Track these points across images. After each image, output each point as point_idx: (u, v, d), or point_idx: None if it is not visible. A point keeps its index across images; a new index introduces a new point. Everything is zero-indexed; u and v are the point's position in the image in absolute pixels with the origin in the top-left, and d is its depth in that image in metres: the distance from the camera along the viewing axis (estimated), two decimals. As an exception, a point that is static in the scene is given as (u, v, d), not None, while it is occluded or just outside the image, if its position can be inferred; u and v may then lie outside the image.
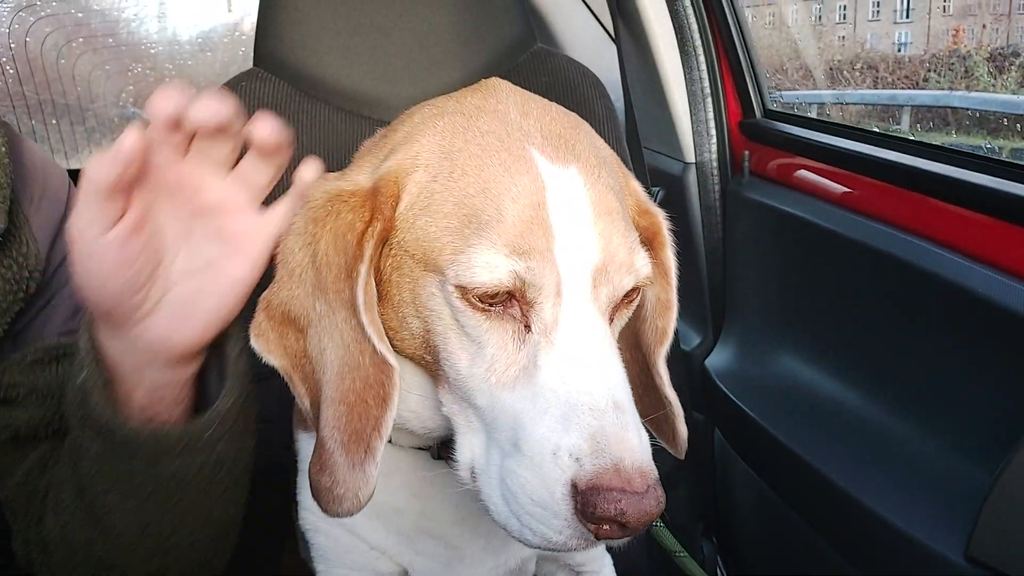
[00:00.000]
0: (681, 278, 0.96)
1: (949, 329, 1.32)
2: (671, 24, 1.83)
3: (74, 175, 1.40)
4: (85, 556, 1.10)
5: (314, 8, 1.68)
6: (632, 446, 0.74)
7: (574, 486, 0.72)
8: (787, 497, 1.56)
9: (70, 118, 2.93)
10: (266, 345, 0.85)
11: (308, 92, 1.71)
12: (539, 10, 2.36)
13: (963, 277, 1.28)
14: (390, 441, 0.97)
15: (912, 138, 1.69)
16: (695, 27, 1.81)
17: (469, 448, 0.84)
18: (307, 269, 0.84)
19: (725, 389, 1.77)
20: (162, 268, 0.88)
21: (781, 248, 1.71)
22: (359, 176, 0.88)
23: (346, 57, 1.70)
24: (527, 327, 0.80)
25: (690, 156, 1.88)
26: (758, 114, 1.84)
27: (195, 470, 0.95)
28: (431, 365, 0.86)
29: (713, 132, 1.86)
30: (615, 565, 1.48)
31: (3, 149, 1.12)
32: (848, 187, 1.58)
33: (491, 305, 0.79)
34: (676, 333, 0.90)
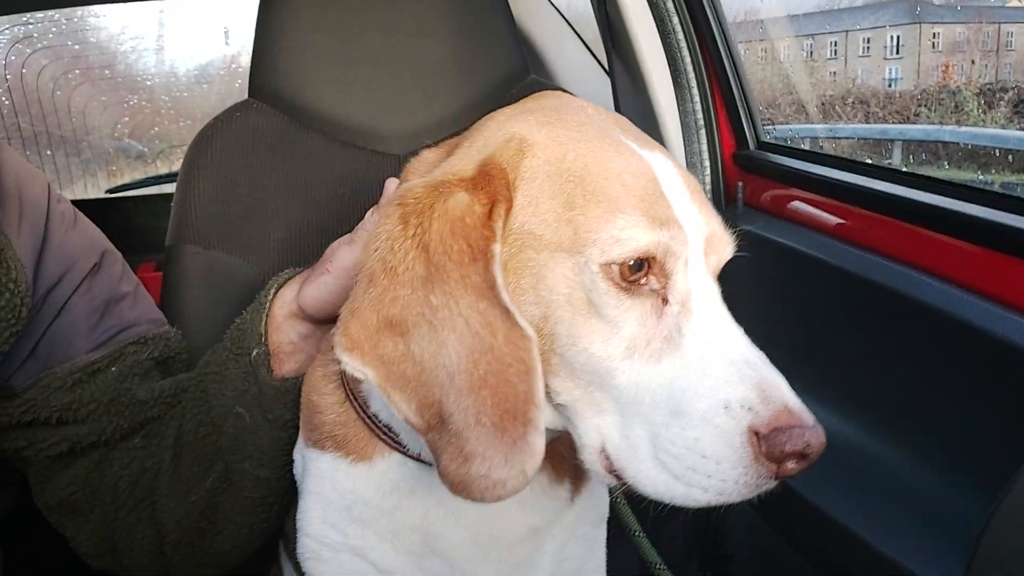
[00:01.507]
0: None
1: (946, 361, 1.31)
2: (664, 56, 1.85)
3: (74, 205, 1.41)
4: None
5: (309, 40, 1.70)
6: (789, 389, 0.81)
7: (755, 433, 0.77)
8: (783, 532, 1.54)
9: (65, 149, 2.95)
10: (362, 358, 0.82)
11: (303, 123, 1.72)
12: (534, 43, 2.39)
13: (960, 308, 1.27)
14: (405, 452, 0.99)
15: (905, 169, 1.70)
16: (688, 59, 1.83)
17: (596, 431, 0.85)
18: (414, 263, 0.81)
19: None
20: None
21: (776, 279, 1.71)
22: (456, 167, 0.88)
23: (341, 89, 1.71)
24: (664, 300, 0.83)
25: (684, 187, 1.88)
26: (751, 145, 1.85)
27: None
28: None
29: (707, 163, 1.86)
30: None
31: None
32: (842, 218, 1.58)
33: (631, 282, 0.81)
34: None
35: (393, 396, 0.82)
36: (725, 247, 0.91)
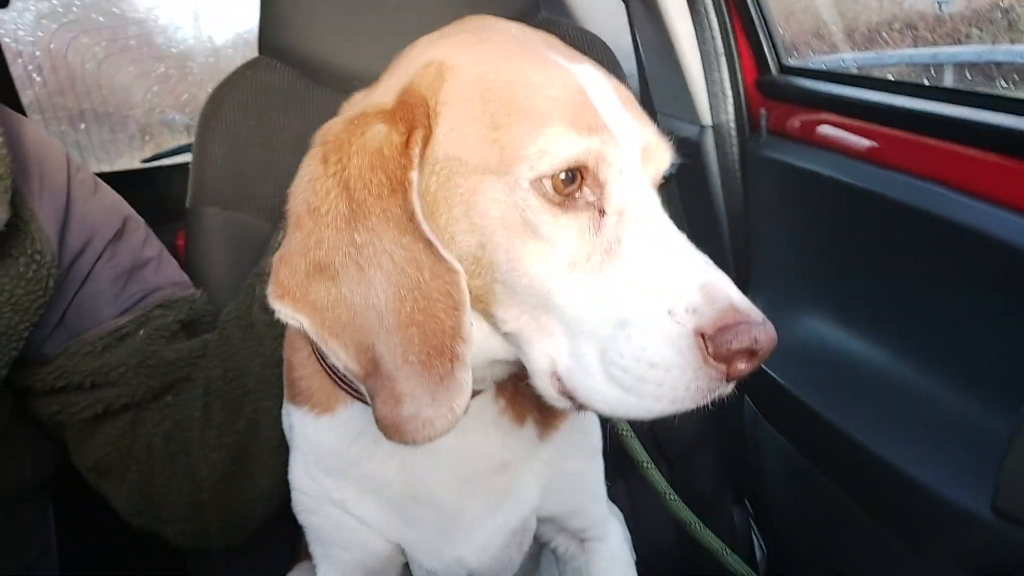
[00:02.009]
0: (703, 244, 0.95)
1: (978, 280, 1.26)
2: (680, -17, 1.79)
3: (105, 177, 1.43)
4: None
5: (315, -8, 1.68)
6: (734, 288, 0.78)
7: (701, 335, 0.74)
8: (815, 460, 1.52)
9: (98, 122, 2.99)
10: (293, 305, 0.80)
11: (314, 77, 1.71)
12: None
13: (993, 226, 1.21)
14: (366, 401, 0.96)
15: (928, 84, 1.62)
16: (703, -18, 1.76)
17: (545, 355, 0.83)
18: (336, 203, 0.79)
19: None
20: None
21: (803, 207, 1.66)
22: (375, 100, 0.86)
23: (350, 40, 1.70)
24: (601, 212, 0.81)
25: (706, 119, 1.83)
26: (774, 70, 1.78)
27: None
28: (479, 288, 0.83)
29: (729, 92, 1.80)
30: (644, 541, 1.45)
31: (1, 140, 1.13)
32: (870, 139, 1.52)
33: (566, 196, 0.80)
34: None
35: (330, 343, 0.80)
36: (662, 155, 0.88)
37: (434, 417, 0.78)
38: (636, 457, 1.30)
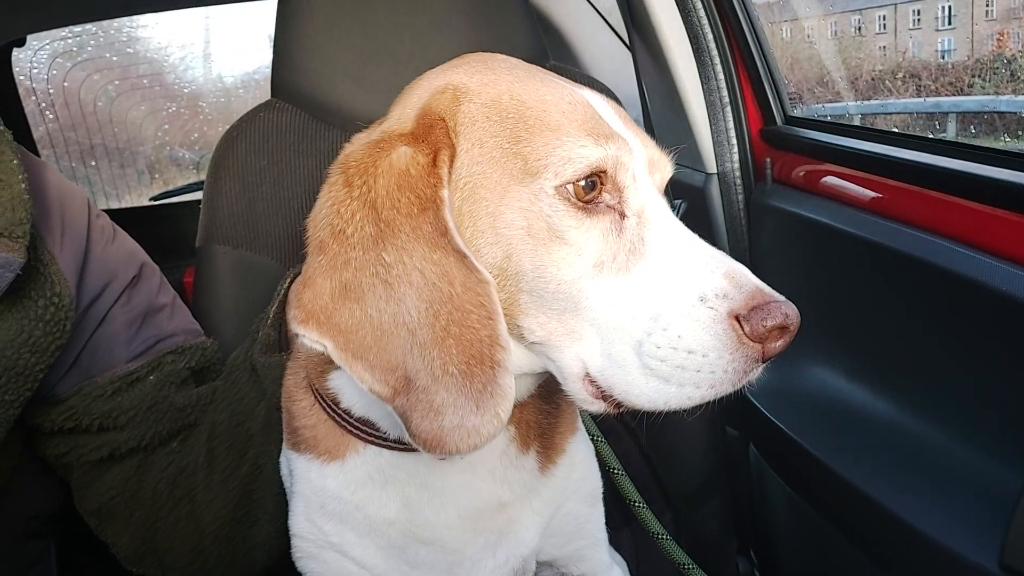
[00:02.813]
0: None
1: (980, 332, 1.26)
2: (686, 35, 1.81)
3: (114, 214, 1.45)
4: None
5: (327, 38, 1.71)
6: (752, 274, 0.83)
7: (735, 318, 0.79)
8: (822, 510, 1.51)
9: (108, 159, 3.02)
10: (318, 329, 0.80)
11: (325, 119, 1.73)
12: (556, 27, 2.37)
13: (996, 279, 1.22)
14: (403, 445, 0.98)
15: (931, 136, 1.64)
16: (710, 36, 1.79)
17: (576, 359, 0.85)
18: (362, 224, 0.81)
19: (757, 403, 1.72)
20: None
21: (808, 255, 1.67)
22: (393, 125, 0.89)
23: (361, 84, 1.72)
24: (621, 215, 0.85)
25: (712, 167, 1.85)
26: (779, 121, 1.81)
27: None
28: (505, 300, 0.85)
29: (734, 141, 1.83)
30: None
31: (23, 185, 1.14)
32: (873, 191, 1.53)
33: (587, 202, 0.83)
34: None
35: (355, 366, 0.80)
36: (666, 165, 0.94)
37: (479, 425, 0.79)
38: (628, 496, 1.30)
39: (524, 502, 1.08)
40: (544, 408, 1.10)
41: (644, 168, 0.88)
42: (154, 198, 2.84)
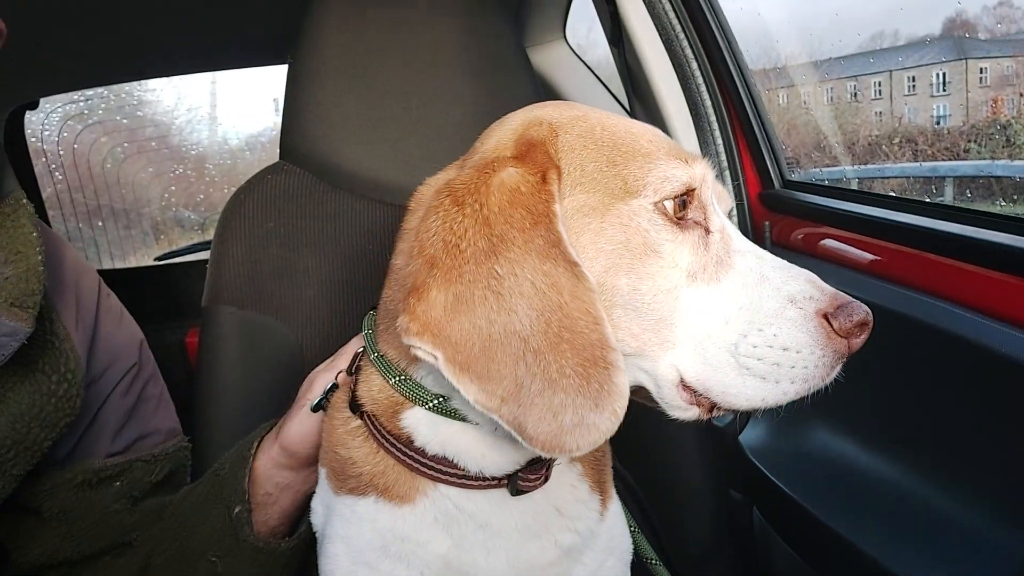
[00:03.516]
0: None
1: (984, 395, 1.27)
2: (685, 101, 1.86)
3: (118, 274, 1.45)
4: None
5: (336, 103, 1.74)
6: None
7: (823, 316, 0.87)
8: (825, 574, 1.49)
9: (115, 220, 3.05)
10: (432, 340, 0.83)
11: (332, 182, 1.76)
12: (559, 93, 2.42)
13: (997, 341, 1.23)
14: (478, 482, 0.99)
15: (928, 200, 1.67)
16: (708, 103, 1.83)
17: (671, 367, 0.91)
18: (475, 238, 0.84)
19: (761, 466, 1.71)
20: None
21: (808, 318, 1.68)
22: (492, 152, 0.95)
23: (367, 148, 1.76)
24: (706, 231, 0.93)
25: (712, 229, 1.88)
26: (777, 184, 1.84)
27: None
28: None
29: (733, 204, 1.85)
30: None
31: (40, 257, 1.15)
32: (872, 253, 1.55)
33: (680, 219, 0.91)
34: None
35: (462, 378, 0.82)
36: (728, 197, 1.04)
37: (599, 421, 0.82)
38: (644, 554, 1.29)
39: (580, 553, 1.09)
40: (596, 454, 1.14)
41: (715, 195, 0.97)
42: (158, 258, 2.86)
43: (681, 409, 0.92)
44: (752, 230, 1.86)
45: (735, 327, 0.88)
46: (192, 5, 2.53)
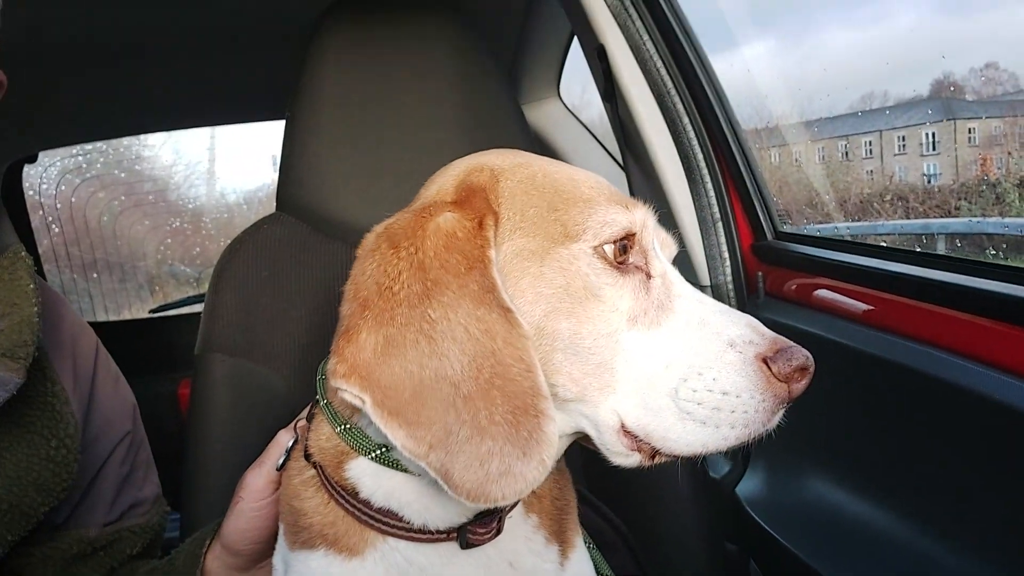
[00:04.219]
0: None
1: (981, 443, 1.25)
2: (677, 155, 1.88)
3: (113, 326, 1.45)
4: None
5: (333, 155, 1.76)
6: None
7: (763, 360, 0.87)
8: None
9: (111, 273, 3.06)
10: (360, 384, 0.82)
11: (327, 232, 1.77)
12: (553, 148, 2.45)
13: (998, 391, 1.23)
14: (425, 535, 0.98)
15: (919, 250, 1.68)
16: (700, 157, 1.85)
17: (611, 412, 0.90)
18: (409, 282, 0.84)
19: (757, 518, 1.69)
20: None
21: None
22: (434, 197, 0.96)
23: (363, 198, 1.77)
24: (648, 275, 0.93)
25: (705, 279, 1.88)
26: (769, 236, 1.85)
27: None
28: (539, 359, 0.88)
29: (726, 255, 1.86)
30: None
31: (35, 309, 1.14)
32: (865, 303, 1.56)
33: (620, 263, 0.91)
34: (704, 460, 0.92)
35: (390, 423, 0.81)
36: (672, 244, 1.04)
37: (526, 471, 0.81)
38: None
39: None
40: (558, 503, 1.12)
41: (658, 242, 0.98)
42: (153, 310, 2.86)
43: (623, 455, 0.91)
44: (746, 281, 1.87)
45: (675, 371, 0.88)
46: (191, 61, 2.57)
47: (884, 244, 2.28)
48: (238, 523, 1.16)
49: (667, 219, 1.93)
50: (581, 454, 1.06)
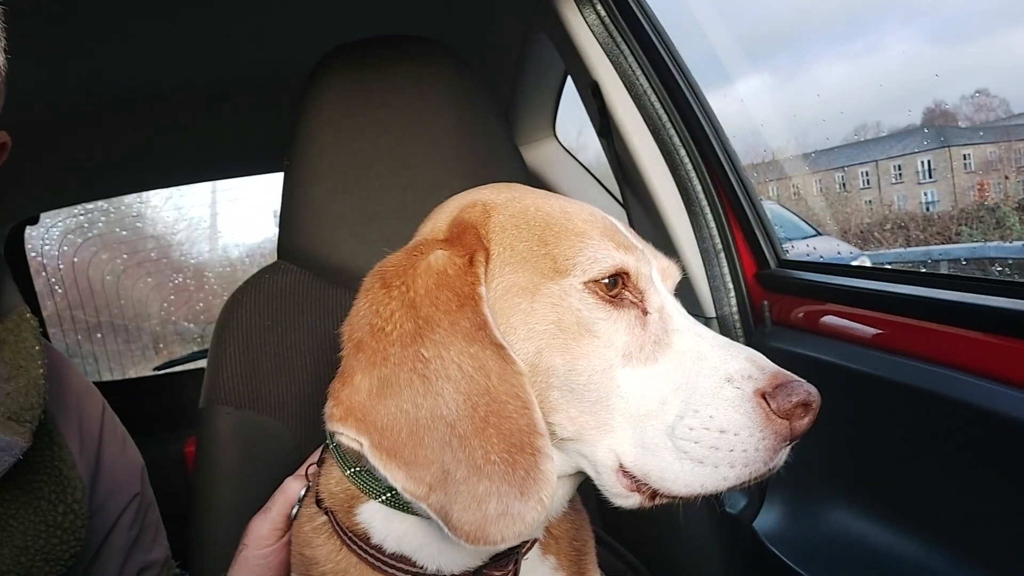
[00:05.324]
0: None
1: (1001, 462, 1.23)
2: (676, 187, 1.88)
3: (117, 385, 1.44)
4: None
5: (332, 201, 1.77)
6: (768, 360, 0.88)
7: (762, 396, 0.82)
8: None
9: (115, 332, 3.05)
10: (356, 427, 0.81)
11: (328, 278, 1.77)
12: (553, 187, 2.45)
13: (1010, 408, 1.20)
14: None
15: (924, 270, 1.67)
16: (699, 188, 1.85)
17: (609, 451, 0.87)
18: (401, 321, 0.83)
19: (777, 552, 1.65)
20: None
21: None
22: (426, 235, 0.96)
23: (363, 243, 1.77)
24: (644, 311, 0.91)
25: (710, 311, 1.87)
26: (772, 264, 1.84)
27: None
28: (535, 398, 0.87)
29: (730, 285, 1.85)
30: None
31: (41, 371, 1.12)
32: (873, 327, 1.54)
33: (613, 297, 0.89)
34: (719, 497, 0.89)
35: (389, 465, 0.80)
36: (675, 272, 1.02)
37: (524, 511, 0.79)
38: None
39: None
40: (575, 544, 1.09)
41: (658, 275, 0.95)
42: (158, 367, 2.85)
43: (622, 496, 0.88)
44: (752, 311, 1.85)
45: (672, 408, 0.85)
46: (191, 118, 2.59)
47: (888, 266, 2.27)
48: (242, 572, 1.13)
49: (669, 252, 1.92)
50: (596, 494, 1.03)
